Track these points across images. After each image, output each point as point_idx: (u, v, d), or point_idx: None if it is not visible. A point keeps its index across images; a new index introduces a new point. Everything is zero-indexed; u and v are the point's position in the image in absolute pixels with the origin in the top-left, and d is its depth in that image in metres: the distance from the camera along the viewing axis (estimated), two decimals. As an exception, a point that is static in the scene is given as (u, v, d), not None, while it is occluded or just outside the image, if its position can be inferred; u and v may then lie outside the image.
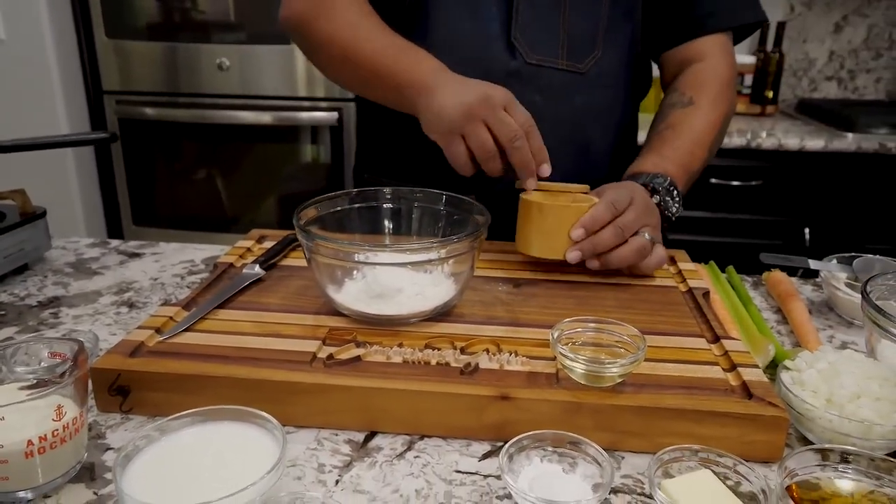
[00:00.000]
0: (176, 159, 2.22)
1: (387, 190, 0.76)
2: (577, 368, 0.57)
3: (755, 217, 2.03)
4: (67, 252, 0.98)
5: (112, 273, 0.91)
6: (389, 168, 1.00)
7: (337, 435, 0.58)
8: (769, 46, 2.30)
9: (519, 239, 0.80)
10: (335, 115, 2.08)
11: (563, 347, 0.58)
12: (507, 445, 0.51)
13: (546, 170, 0.78)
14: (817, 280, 0.92)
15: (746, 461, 0.51)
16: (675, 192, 0.84)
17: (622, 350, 0.60)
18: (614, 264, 0.76)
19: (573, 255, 0.75)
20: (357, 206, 0.76)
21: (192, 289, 0.86)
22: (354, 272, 0.70)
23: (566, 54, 0.89)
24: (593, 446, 0.52)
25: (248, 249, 0.87)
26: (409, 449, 0.57)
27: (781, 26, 2.26)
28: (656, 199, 0.82)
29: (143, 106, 2.15)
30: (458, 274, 0.68)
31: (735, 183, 2.00)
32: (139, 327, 0.66)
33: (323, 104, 2.10)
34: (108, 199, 2.27)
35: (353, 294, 0.69)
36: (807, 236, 2.01)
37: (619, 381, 0.57)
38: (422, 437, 0.58)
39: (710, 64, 0.92)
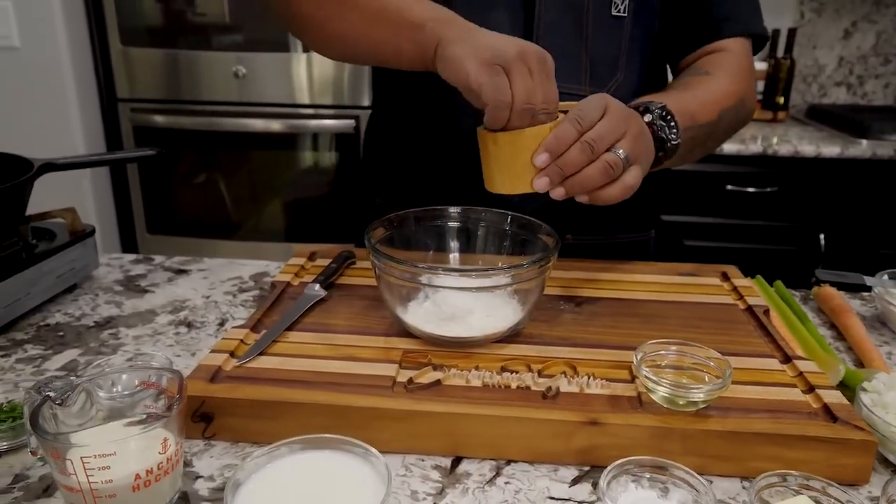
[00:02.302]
0: (190, 167, 2.21)
1: (453, 209, 0.77)
2: (663, 393, 0.58)
3: (771, 223, 2.04)
4: (113, 269, 0.97)
5: (163, 291, 0.91)
6: (401, 194, 0.97)
7: (423, 460, 0.58)
8: (780, 53, 2.32)
9: (485, 176, 0.71)
10: (352, 122, 2.08)
11: (647, 370, 0.59)
12: (606, 471, 0.52)
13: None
14: (864, 294, 0.93)
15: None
16: (672, 120, 0.75)
17: (703, 373, 0.60)
18: (578, 188, 0.66)
19: (540, 183, 0.65)
20: (423, 224, 0.76)
21: (248, 307, 0.86)
22: (424, 293, 0.70)
23: (589, 80, 0.87)
24: (689, 472, 0.52)
25: (302, 267, 0.87)
26: (497, 475, 0.57)
27: (792, 32, 2.28)
28: (648, 118, 0.74)
29: (158, 114, 2.14)
30: (529, 296, 0.68)
31: (751, 189, 2.02)
32: (213, 351, 0.66)
33: (340, 112, 2.09)
34: (122, 207, 2.26)
35: (423, 316, 0.69)
36: (822, 242, 2.02)
37: (704, 406, 0.58)
38: (508, 462, 0.58)
39: (730, 54, 0.91)
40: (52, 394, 0.50)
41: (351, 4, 0.77)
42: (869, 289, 0.89)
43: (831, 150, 1.94)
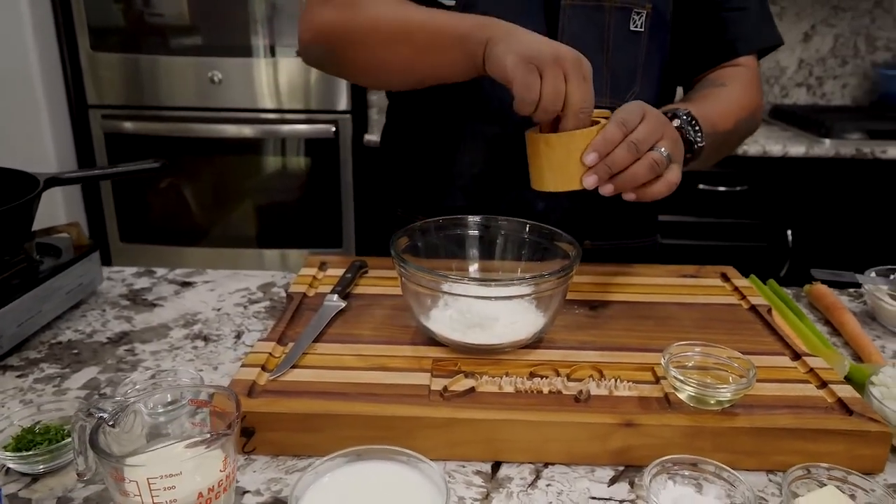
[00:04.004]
0: (164, 174, 2.18)
1: (472, 217, 0.78)
2: (692, 393, 0.60)
3: (741, 221, 2.12)
4: (116, 283, 0.96)
5: (171, 304, 0.90)
6: (422, 203, 0.99)
7: (464, 467, 0.60)
8: (744, 55, 2.39)
9: (532, 177, 0.76)
10: (331, 127, 2.08)
11: (676, 371, 0.61)
12: (648, 470, 0.54)
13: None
14: (850, 291, 0.98)
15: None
16: (697, 125, 0.81)
17: (726, 373, 0.63)
18: (628, 184, 0.71)
19: (590, 180, 0.70)
20: (445, 232, 0.77)
21: (261, 318, 0.86)
22: (448, 300, 0.71)
23: (609, 92, 0.90)
24: (724, 468, 0.55)
25: (314, 277, 0.87)
26: (538, 478, 0.59)
27: (756, 36, 2.36)
28: (677, 122, 0.79)
29: (130, 120, 2.10)
30: (552, 303, 0.70)
31: (721, 188, 2.08)
32: (244, 365, 0.66)
33: (318, 117, 2.08)
34: (94, 216, 2.20)
35: (449, 324, 0.70)
36: (789, 238, 2.10)
37: (729, 404, 0.61)
38: (546, 465, 0.60)
39: (743, 69, 0.96)
40: (105, 415, 0.50)
41: (401, 40, 0.80)
42: (856, 285, 0.93)
43: (797, 149, 2.02)
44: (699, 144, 0.80)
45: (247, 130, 2.10)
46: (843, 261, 1.98)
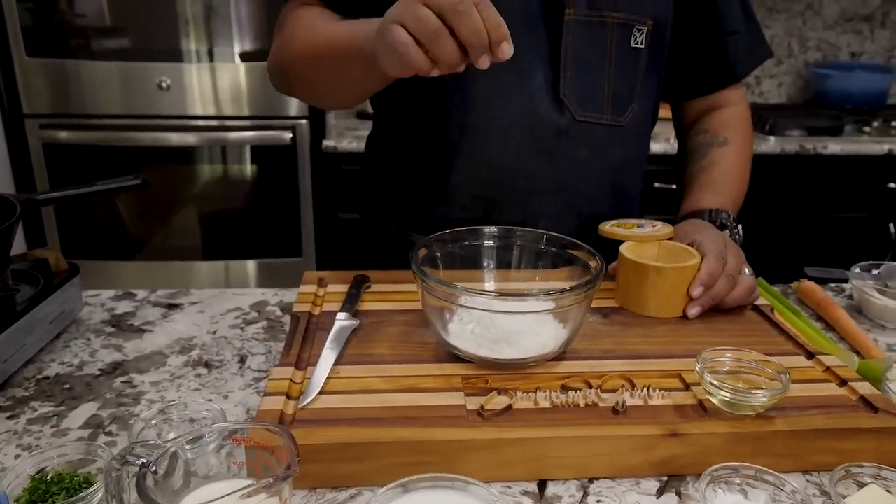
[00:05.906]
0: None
1: (488, 228, 0.77)
2: (729, 399, 0.61)
3: (694, 217, 2.18)
4: (95, 309, 0.90)
5: (161, 329, 0.85)
6: (417, 220, 0.96)
7: (510, 487, 0.58)
8: (688, 56, 2.47)
9: (631, 300, 0.81)
10: (288, 133, 2.02)
11: (711, 377, 0.62)
12: (702, 479, 0.54)
13: (507, 50, 0.61)
14: (831, 286, 1.02)
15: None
16: (735, 225, 0.92)
17: (756, 377, 0.64)
18: (728, 306, 0.80)
19: (694, 312, 0.78)
20: (463, 244, 0.76)
21: (262, 340, 0.83)
22: (469, 315, 0.70)
23: (610, 109, 0.91)
24: (770, 472, 0.56)
25: (316, 294, 0.84)
26: (586, 494, 0.58)
27: (699, 37, 2.44)
28: (726, 233, 0.88)
29: (72, 130, 1.98)
30: (578, 314, 0.70)
31: (675, 186, 2.14)
32: (266, 394, 0.63)
33: (274, 123, 2.02)
34: (34, 233, 2.07)
35: (474, 340, 0.69)
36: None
37: (763, 409, 0.62)
38: (590, 481, 0.60)
39: (735, 108, 1.01)
40: (146, 460, 0.46)
41: (316, 64, 0.82)
42: (842, 281, 0.97)
43: (746, 147, 2.10)
44: (739, 245, 0.89)
45: (199, 138, 2.02)
46: (794, 255, 2.05)
